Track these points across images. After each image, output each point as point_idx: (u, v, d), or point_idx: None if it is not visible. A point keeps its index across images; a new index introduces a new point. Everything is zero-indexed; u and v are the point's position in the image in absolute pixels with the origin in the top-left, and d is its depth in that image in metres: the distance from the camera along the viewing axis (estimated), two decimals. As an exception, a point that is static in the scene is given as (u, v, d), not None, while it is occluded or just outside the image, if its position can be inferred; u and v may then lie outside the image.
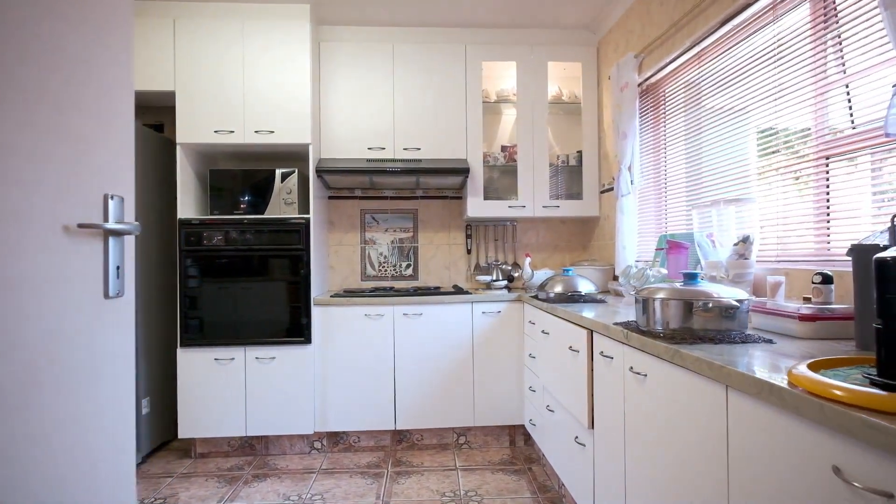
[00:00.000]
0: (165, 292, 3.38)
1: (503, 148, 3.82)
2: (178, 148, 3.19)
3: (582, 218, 3.78)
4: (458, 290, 3.41)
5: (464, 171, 3.38)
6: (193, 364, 3.15)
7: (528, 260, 3.41)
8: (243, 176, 3.33)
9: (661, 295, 1.61)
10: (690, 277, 1.64)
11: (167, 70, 3.18)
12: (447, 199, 3.92)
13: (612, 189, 3.45)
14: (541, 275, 3.44)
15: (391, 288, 3.65)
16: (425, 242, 3.90)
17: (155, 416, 3.26)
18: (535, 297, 2.99)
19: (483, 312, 3.31)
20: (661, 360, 1.49)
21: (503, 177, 3.87)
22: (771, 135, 2.03)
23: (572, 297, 2.72)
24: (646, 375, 1.59)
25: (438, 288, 3.62)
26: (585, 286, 2.76)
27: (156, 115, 3.64)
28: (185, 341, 3.15)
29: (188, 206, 3.30)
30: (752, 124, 2.15)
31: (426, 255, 3.90)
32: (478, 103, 3.59)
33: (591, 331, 2.06)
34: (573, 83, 3.90)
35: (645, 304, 1.66)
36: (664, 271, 2.44)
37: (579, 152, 3.71)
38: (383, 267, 3.86)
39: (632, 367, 1.68)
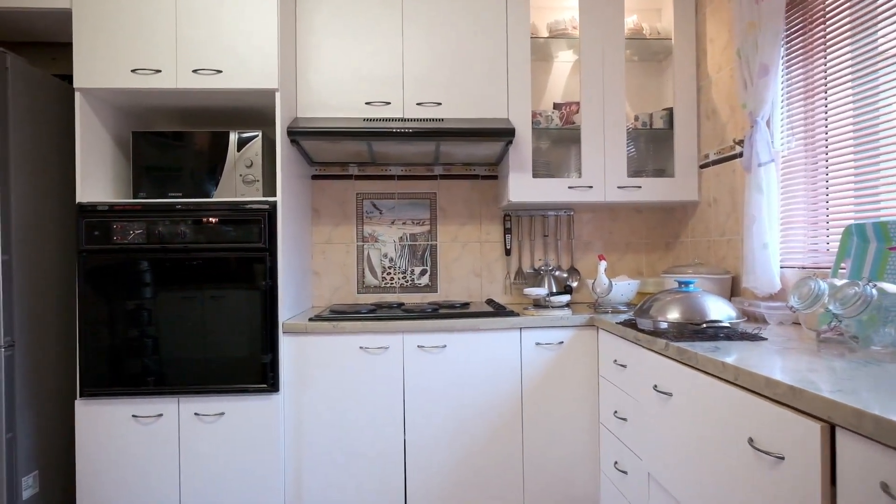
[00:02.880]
0: (69, 316, 2.31)
1: (556, 106, 2.71)
2: (77, 97, 2.12)
3: (668, 204, 2.67)
4: (498, 310, 2.32)
5: (506, 134, 2.29)
6: (100, 423, 2.08)
7: (602, 265, 2.31)
8: (180, 141, 2.25)
9: None
10: None
11: (60, -22, 2.11)
12: (478, 179, 2.82)
13: (719, 161, 2.34)
14: (623, 287, 2.33)
15: (399, 304, 2.56)
16: (447, 239, 2.80)
17: (50, 496, 2.18)
18: (632, 325, 1.87)
19: (537, 343, 2.21)
20: None
21: (557, 146, 2.76)
22: None
23: (703, 331, 1.61)
24: None
25: (467, 305, 2.52)
26: (720, 309, 1.65)
27: (68, 60, 2.56)
28: (86, 389, 2.08)
29: (100, 185, 2.23)
30: None
31: (448, 258, 2.80)
32: (524, 40, 2.48)
33: (832, 426, 0.95)
34: (652, 16, 2.79)
35: None
36: (893, 288, 1.33)
37: (668, 111, 2.60)
38: (389, 273, 2.77)
39: None
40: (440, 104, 2.45)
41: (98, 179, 2.21)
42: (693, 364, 1.40)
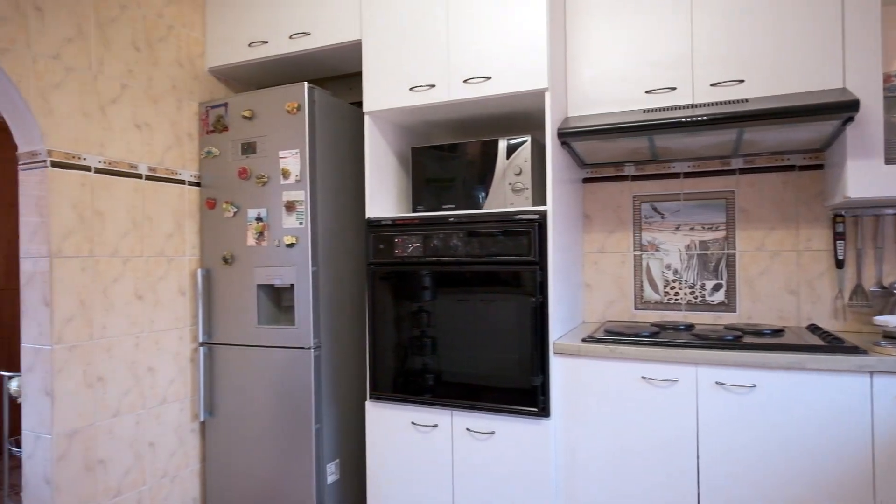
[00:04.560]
0: (362, 323, 2.53)
1: (923, 63, 1.96)
2: (366, 120, 2.28)
3: None
4: (831, 342, 1.75)
5: (846, 109, 1.70)
6: (384, 424, 2.20)
7: None
8: (452, 153, 2.26)
9: None
10: None
11: (352, 12, 2.29)
12: (793, 171, 2.23)
13: None
14: None
15: (688, 327, 2.16)
16: (750, 247, 2.28)
17: (346, 483, 2.42)
18: None
19: (900, 397, 1.59)
20: None
21: (923, 119, 2.00)
22: None
23: None
24: None
25: (781, 332, 1.99)
26: None
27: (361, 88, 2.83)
28: (374, 393, 2.23)
29: (385, 200, 2.37)
30: None
31: (751, 270, 2.27)
32: (869, -21, 1.84)
33: None
34: None
35: None
36: None
37: None
38: (672, 287, 2.38)
39: None
40: (742, 81, 1.97)
41: (383, 195, 2.36)
42: None
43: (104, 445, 2.10)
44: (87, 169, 2.06)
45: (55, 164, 1.96)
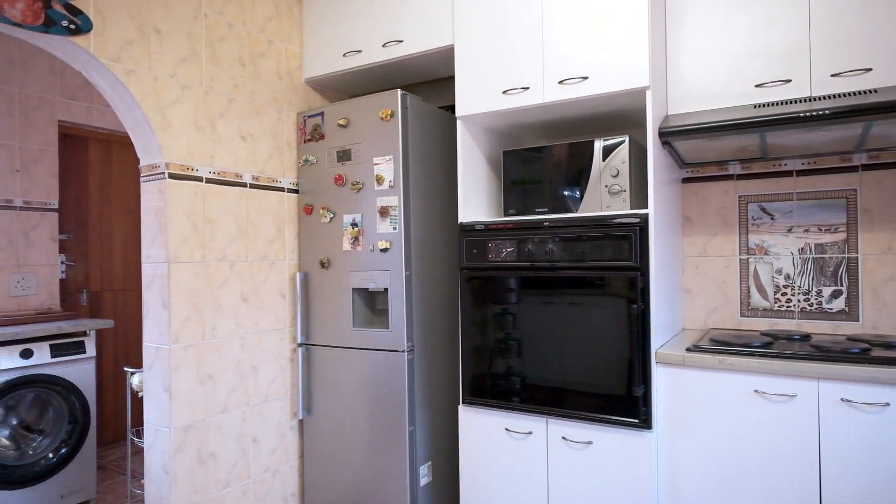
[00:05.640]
0: (454, 327, 2.54)
1: None
2: (458, 124, 2.28)
3: None
4: (981, 359, 1.57)
5: None
6: (478, 430, 2.20)
7: None
8: (545, 155, 2.21)
9: None
10: None
11: (444, 18, 2.30)
12: (928, 167, 2.02)
13: None
14: None
15: (804, 337, 2.01)
16: (875, 251, 2.08)
17: (439, 486, 2.44)
18: None
19: None
20: None
21: None
22: None
23: None
24: None
25: (917, 345, 1.80)
26: None
27: (451, 92, 2.84)
28: (467, 398, 2.23)
29: (476, 204, 2.37)
30: None
31: (877, 276, 2.08)
32: None
33: None
34: None
35: None
36: None
37: None
38: (784, 294, 2.22)
39: None
40: (869, 70, 1.81)
41: (474, 199, 2.36)
42: None
43: (214, 440, 2.24)
44: (199, 179, 2.20)
45: (172, 176, 2.10)
